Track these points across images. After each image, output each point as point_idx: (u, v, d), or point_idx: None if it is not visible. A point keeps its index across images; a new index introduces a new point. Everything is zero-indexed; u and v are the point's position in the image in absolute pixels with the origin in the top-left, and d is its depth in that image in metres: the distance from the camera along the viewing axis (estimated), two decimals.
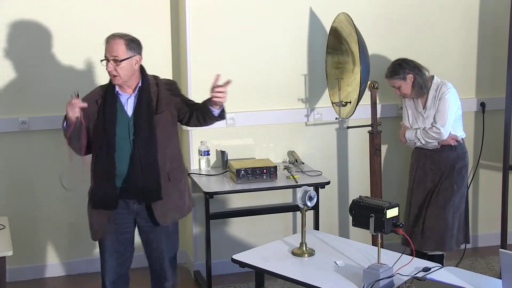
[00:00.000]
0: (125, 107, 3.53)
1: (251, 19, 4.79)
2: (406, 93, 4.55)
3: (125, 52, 3.45)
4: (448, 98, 4.45)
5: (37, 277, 4.86)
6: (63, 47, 4.68)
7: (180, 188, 3.63)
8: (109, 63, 3.45)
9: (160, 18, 4.83)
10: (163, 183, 3.52)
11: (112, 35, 3.51)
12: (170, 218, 3.61)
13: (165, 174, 3.54)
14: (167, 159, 3.55)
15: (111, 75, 3.48)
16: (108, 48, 3.46)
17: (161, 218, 3.55)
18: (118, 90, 3.54)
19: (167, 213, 3.57)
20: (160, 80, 3.65)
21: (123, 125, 3.50)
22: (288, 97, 4.93)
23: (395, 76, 4.52)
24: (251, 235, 4.97)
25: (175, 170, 3.60)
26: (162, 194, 3.51)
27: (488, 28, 5.21)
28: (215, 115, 3.49)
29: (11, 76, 4.63)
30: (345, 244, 3.59)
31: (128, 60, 3.45)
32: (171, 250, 3.70)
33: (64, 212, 4.85)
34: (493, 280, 3.13)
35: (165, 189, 3.53)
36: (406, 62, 4.53)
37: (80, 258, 4.93)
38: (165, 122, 3.55)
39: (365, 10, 4.93)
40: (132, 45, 3.48)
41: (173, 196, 3.58)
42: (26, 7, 4.58)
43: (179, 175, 3.64)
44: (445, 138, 4.48)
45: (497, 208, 4.95)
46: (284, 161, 4.95)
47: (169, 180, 3.55)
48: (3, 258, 3.50)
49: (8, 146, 4.69)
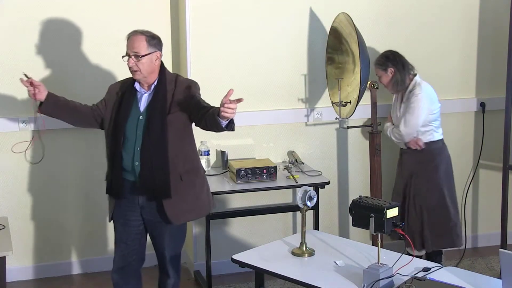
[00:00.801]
0: (139, 103, 3.59)
1: (251, 19, 4.79)
2: (385, 85, 4.63)
3: (146, 48, 3.52)
4: (416, 101, 4.48)
5: (37, 277, 4.86)
6: (63, 47, 4.68)
7: (195, 190, 3.64)
8: (130, 58, 3.51)
9: (160, 18, 4.83)
10: (174, 183, 3.53)
11: (134, 31, 3.58)
12: (184, 218, 3.65)
13: (177, 175, 3.55)
14: (179, 160, 3.56)
15: (132, 70, 3.54)
16: (130, 44, 3.53)
17: (174, 217, 3.58)
18: (137, 86, 3.61)
19: (181, 213, 3.59)
20: (179, 79, 3.67)
21: (134, 121, 3.56)
22: (288, 97, 4.93)
23: (378, 65, 4.62)
24: (251, 235, 4.97)
25: (188, 172, 3.61)
26: (173, 194, 3.53)
27: (488, 28, 5.21)
28: (223, 126, 3.47)
29: (11, 76, 4.63)
30: (345, 244, 3.59)
31: (148, 56, 3.53)
32: (174, 248, 3.71)
33: (64, 212, 4.84)
34: (493, 280, 3.13)
35: (177, 189, 3.54)
36: (393, 55, 4.59)
37: (80, 258, 4.93)
38: (178, 123, 3.56)
39: (365, 10, 4.93)
40: (153, 41, 3.56)
41: (188, 197, 3.60)
42: (26, 7, 4.58)
43: (193, 176, 3.64)
44: (406, 140, 4.58)
45: (497, 208, 4.95)
46: (284, 161, 4.96)
47: (181, 180, 3.56)
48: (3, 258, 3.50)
49: (8, 146, 4.68)
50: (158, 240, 3.68)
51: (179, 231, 3.70)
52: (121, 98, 3.62)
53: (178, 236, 3.72)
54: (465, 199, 5.34)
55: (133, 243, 3.69)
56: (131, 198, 3.60)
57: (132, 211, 3.62)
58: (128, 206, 3.62)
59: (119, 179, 3.57)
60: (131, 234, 3.67)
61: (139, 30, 3.58)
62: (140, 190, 3.56)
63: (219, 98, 4.78)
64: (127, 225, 3.65)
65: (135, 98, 3.60)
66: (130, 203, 3.61)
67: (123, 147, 3.55)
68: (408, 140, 4.57)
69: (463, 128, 5.28)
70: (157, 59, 3.59)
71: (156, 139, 3.50)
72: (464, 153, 5.31)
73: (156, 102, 3.54)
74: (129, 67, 3.54)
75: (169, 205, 3.55)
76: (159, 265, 3.79)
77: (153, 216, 3.60)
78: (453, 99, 5.17)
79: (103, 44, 4.70)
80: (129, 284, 3.74)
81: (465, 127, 5.29)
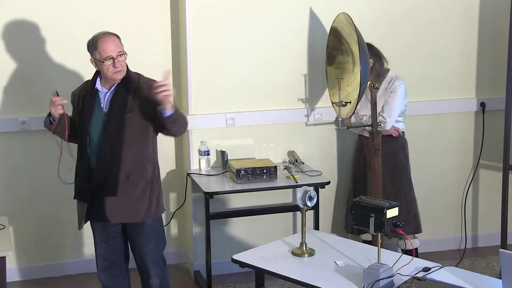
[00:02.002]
0: (102, 103, 3.58)
1: (251, 19, 4.79)
2: None
3: (121, 46, 3.55)
4: (399, 92, 4.66)
5: (37, 277, 4.86)
6: (63, 47, 4.68)
7: (137, 192, 3.58)
8: (115, 60, 3.49)
9: (160, 18, 4.83)
10: (121, 182, 3.52)
11: (104, 34, 3.55)
12: (120, 218, 3.61)
13: (124, 173, 3.53)
14: (129, 159, 3.53)
15: (116, 71, 3.51)
16: (110, 46, 3.50)
17: (110, 215, 3.57)
18: (98, 85, 3.60)
19: (117, 212, 3.57)
20: (142, 78, 3.65)
21: (98, 121, 3.55)
22: (288, 97, 4.93)
23: None
24: (251, 235, 4.97)
25: (136, 172, 3.57)
26: (118, 192, 3.52)
27: (488, 28, 5.21)
28: (164, 116, 3.40)
29: (11, 76, 4.63)
30: (345, 244, 3.59)
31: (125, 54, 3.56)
32: (154, 247, 3.70)
33: (64, 212, 4.84)
34: (493, 280, 3.13)
35: (121, 188, 3.53)
36: (370, 47, 4.62)
37: (81, 258, 4.93)
38: (136, 122, 3.54)
39: (365, 10, 4.93)
40: (120, 38, 3.60)
41: (127, 197, 3.56)
42: (26, 7, 4.58)
43: (140, 178, 3.59)
44: (388, 128, 4.67)
45: (497, 208, 4.94)
46: (284, 161, 4.95)
47: (127, 179, 3.54)
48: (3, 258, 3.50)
49: (8, 146, 4.69)
50: (136, 239, 3.68)
51: (155, 229, 3.69)
52: (84, 101, 3.61)
53: (157, 233, 3.71)
54: (465, 199, 5.34)
55: (114, 241, 3.70)
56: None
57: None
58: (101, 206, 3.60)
59: (85, 180, 3.56)
60: (111, 233, 3.68)
61: (107, 32, 3.56)
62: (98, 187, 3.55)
63: (218, 98, 4.81)
64: (106, 225, 3.65)
65: (97, 98, 3.58)
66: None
67: (89, 148, 3.54)
68: (389, 128, 4.67)
69: (463, 128, 5.28)
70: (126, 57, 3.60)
71: (112, 135, 3.49)
72: (464, 153, 5.31)
73: (116, 100, 3.52)
74: (115, 68, 3.49)
75: (109, 203, 3.54)
76: (138, 266, 3.76)
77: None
78: (453, 99, 5.17)
79: None
80: (117, 283, 3.74)
81: (465, 127, 5.29)
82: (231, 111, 4.83)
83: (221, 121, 4.81)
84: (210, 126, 4.80)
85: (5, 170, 4.71)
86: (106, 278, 3.75)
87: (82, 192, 3.61)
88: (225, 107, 4.82)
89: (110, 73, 3.51)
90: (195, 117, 4.74)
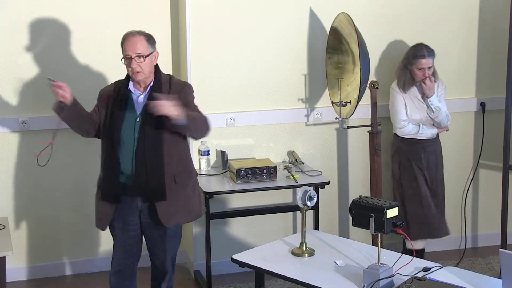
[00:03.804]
0: (135, 105, 3.55)
1: (251, 19, 4.79)
2: (429, 77, 4.64)
3: (147, 48, 3.52)
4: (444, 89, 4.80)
5: (37, 277, 4.86)
6: (63, 47, 4.68)
7: (187, 192, 3.61)
8: (132, 60, 3.47)
9: (160, 18, 4.83)
10: (168, 184, 3.51)
11: (130, 32, 3.55)
12: (175, 221, 3.60)
13: (171, 176, 3.53)
14: (173, 161, 3.54)
15: (134, 72, 3.50)
16: (130, 45, 3.49)
17: (165, 220, 3.55)
18: (131, 87, 3.57)
19: (172, 215, 3.56)
20: (174, 80, 3.65)
21: (130, 123, 3.52)
22: (288, 97, 4.93)
23: (434, 56, 4.66)
24: (251, 235, 4.97)
25: (181, 173, 3.58)
26: (167, 196, 3.51)
27: (488, 28, 5.21)
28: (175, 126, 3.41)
29: (11, 76, 4.63)
30: (345, 244, 3.59)
31: (150, 55, 3.53)
32: (169, 251, 3.69)
33: (64, 212, 4.85)
34: (493, 280, 3.13)
35: (170, 191, 3.52)
36: (425, 46, 4.67)
37: (81, 258, 4.93)
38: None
39: (365, 10, 4.93)
40: (151, 41, 3.57)
41: (179, 199, 3.57)
42: (26, 7, 4.58)
43: (185, 178, 3.61)
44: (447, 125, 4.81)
45: (497, 208, 4.94)
46: (284, 161, 4.96)
47: (175, 182, 3.54)
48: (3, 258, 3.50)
49: (8, 146, 4.69)
50: (153, 243, 3.66)
51: (175, 234, 3.68)
52: (114, 102, 3.57)
53: (174, 239, 3.69)
54: (465, 199, 5.34)
55: (131, 246, 3.67)
56: (130, 202, 3.57)
57: (130, 214, 3.60)
58: (127, 209, 3.59)
59: (116, 183, 3.54)
60: (129, 238, 3.65)
61: (136, 31, 3.55)
62: (137, 193, 3.53)
63: (218, 98, 4.81)
64: (125, 229, 3.63)
65: (130, 100, 3.57)
66: (128, 207, 3.58)
67: (120, 151, 3.52)
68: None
69: (463, 128, 5.28)
70: (155, 58, 3.59)
71: (151, 140, 3.48)
72: (464, 153, 5.31)
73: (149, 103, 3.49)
74: (132, 69, 3.49)
75: (161, 207, 3.53)
76: (153, 267, 3.76)
77: (150, 219, 3.58)
78: (453, 99, 5.17)
79: (103, 44, 4.70)
80: (124, 286, 3.73)
81: (465, 127, 5.29)
82: (231, 111, 4.83)
83: (221, 121, 4.81)
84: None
85: (5, 170, 4.71)
86: (116, 281, 3.71)
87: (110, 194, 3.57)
88: (225, 107, 4.82)
89: (129, 72, 3.53)
90: None
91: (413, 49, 4.67)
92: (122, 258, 3.68)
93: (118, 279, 3.70)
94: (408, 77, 4.67)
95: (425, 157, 4.73)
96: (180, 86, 3.61)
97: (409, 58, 4.65)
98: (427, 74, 4.62)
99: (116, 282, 3.71)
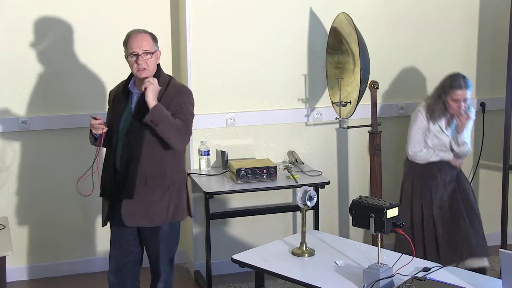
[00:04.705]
0: (132, 104, 3.57)
1: (251, 19, 4.79)
2: (464, 107, 4.47)
3: (152, 45, 3.54)
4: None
5: (37, 277, 4.86)
6: (63, 47, 4.68)
7: (155, 197, 3.55)
8: (139, 57, 3.48)
9: (160, 18, 4.83)
10: (138, 185, 3.51)
11: (136, 30, 3.56)
12: (136, 222, 3.58)
13: (143, 177, 3.51)
14: (149, 163, 3.51)
15: (140, 69, 3.50)
16: (137, 43, 3.50)
17: (126, 218, 3.55)
18: (132, 86, 3.60)
19: (134, 215, 3.55)
20: (172, 82, 3.62)
21: (126, 122, 3.55)
22: (288, 97, 4.93)
23: (471, 88, 4.48)
24: (251, 235, 4.97)
25: (155, 178, 3.53)
26: (134, 196, 3.51)
27: (488, 28, 5.21)
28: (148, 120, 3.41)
29: (11, 76, 4.63)
30: (345, 244, 3.59)
31: (155, 53, 3.55)
32: (166, 251, 3.68)
33: (64, 212, 4.85)
34: (493, 280, 3.13)
35: (138, 192, 3.51)
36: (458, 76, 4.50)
37: (81, 258, 4.93)
38: None
39: (365, 10, 4.93)
40: (155, 39, 3.60)
41: (144, 202, 3.53)
42: (26, 6, 4.58)
43: (158, 183, 3.55)
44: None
45: (497, 208, 4.94)
46: (284, 161, 4.95)
47: (145, 184, 3.52)
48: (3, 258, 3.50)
49: (8, 146, 4.69)
50: (146, 242, 3.67)
51: (171, 234, 3.67)
52: (115, 101, 3.63)
53: (171, 239, 3.68)
54: None
55: (128, 244, 3.67)
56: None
57: None
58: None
59: (110, 179, 3.57)
60: (126, 235, 3.65)
61: (141, 29, 3.57)
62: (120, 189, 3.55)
63: (218, 98, 4.81)
64: (122, 226, 3.63)
65: (129, 98, 3.58)
66: None
67: (117, 149, 3.55)
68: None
69: None
70: (159, 57, 3.60)
71: (134, 138, 3.49)
72: None
73: (143, 102, 3.48)
74: (138, 65, 3.49)
75: (125, 205, 3.54)
76: (150, 267, 3.76)
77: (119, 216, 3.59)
78: None
79: (102, 44, 4.70)
80: (125, 285, 3.72)
81: None
82: (231, 111, 4.83)
83: (221, 121, 4.81)
84: (210, 126, 4.80)
85: (5, 170, 4.71)
86: (114, 280, 3.72)
87: (106, 191, 3.62)
88: (225, 107, 4.82)
89: (134, 70, 3.53)
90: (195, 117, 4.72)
91: (450, 78, 4.47)
92: (118, 255, 3.68)
93: (118, 277, 3.70)
94: (440, 107, 4.48)
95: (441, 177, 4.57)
96: (176, 89, 3.58)
97: (445, 88, 4.45)
98: (462, 106, 4.44)
99: (116, 280, 3.71)
